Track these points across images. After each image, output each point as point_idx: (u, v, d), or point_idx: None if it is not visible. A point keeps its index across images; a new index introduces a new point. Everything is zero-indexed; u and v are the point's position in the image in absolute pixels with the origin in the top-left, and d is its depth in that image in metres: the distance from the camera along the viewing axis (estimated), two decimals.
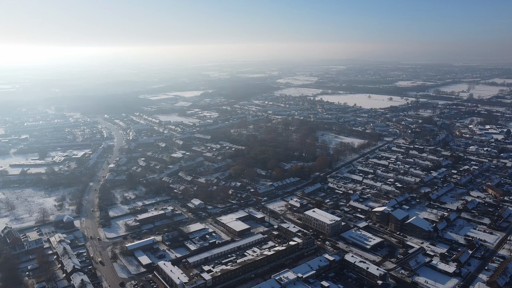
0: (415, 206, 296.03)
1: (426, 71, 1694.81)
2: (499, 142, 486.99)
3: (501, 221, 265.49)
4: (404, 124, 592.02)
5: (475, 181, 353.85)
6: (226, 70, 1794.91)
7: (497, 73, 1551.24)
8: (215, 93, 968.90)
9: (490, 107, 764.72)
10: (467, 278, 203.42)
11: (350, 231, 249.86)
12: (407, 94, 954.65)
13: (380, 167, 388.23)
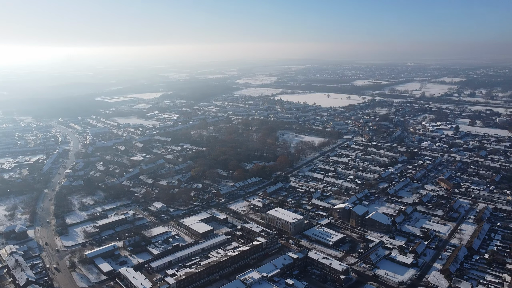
0: (374, 201, 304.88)
1: (381, 71, 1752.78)
2: (449, 138, 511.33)
3: (452, 212, 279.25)
4: (362, 122, 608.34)
5: (429, 175, 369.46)
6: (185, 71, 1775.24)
7: (445, 72, 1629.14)
8: (174, 94, 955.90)
9: (440, 105, 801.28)
10: (423, 267, 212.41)
11: (312, 228, 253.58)
12: (364, 93, 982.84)
13: (341, 164, 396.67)
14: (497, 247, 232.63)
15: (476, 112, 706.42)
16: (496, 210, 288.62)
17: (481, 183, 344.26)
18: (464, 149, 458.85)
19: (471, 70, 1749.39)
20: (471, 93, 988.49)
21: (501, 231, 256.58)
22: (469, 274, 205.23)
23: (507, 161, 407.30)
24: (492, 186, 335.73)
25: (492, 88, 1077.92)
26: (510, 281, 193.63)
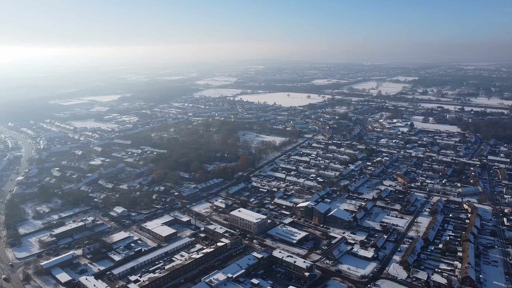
0: (336, 198, 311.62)
1: (339, 70, 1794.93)
2: (404, 134, 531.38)
3: (409, 206, 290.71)
4: (322, 120, 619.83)
5: (387, 171, 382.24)
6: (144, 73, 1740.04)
7: (400, 72, 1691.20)
8: (133, 96, 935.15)
9: (396, 103, 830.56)
10: (384, 260, 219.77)
11: (276, 227, 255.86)
12: (323, 92, 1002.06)
13: (302, 163, 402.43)
14: (449, 237, 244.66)
15: (429, 109, 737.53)
16: (449, 202, 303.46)
17: (434, 177, 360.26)
18: (418, 145, 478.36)
19: (423, 69, 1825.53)
20: (424, 91, 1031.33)
21: (453, 221, 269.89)
22: (425, 264, 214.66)
23: (457, 155, 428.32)
24: (445, 179, 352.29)
25: (442, 86, 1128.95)
26: (460, 268, 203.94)
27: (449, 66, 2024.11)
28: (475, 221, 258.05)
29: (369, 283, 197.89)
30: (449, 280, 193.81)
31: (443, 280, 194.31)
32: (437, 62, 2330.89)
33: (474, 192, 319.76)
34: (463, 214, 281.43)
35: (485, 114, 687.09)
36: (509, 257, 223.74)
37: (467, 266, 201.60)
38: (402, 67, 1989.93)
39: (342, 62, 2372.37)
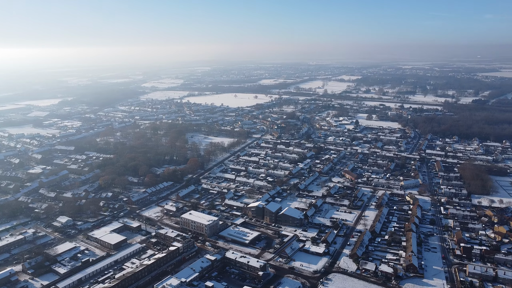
0: (287, 197, 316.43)
1: (286, 70, 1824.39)
2: (351, 132, 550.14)
3: (356, 200, 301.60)
4: (270, 120, 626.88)
5: (335, 168, 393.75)
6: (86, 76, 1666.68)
7: (344, 71, 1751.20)
8: (75, 100, 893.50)
9: (341, 101, 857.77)
10: (335, 255, 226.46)
11: (228, 229, 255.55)
12: (270, 92, 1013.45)
13: (251, 163, 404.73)
14: (394, 228, 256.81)
15: (372, 107, 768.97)
16: (393, 195, 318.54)
17: (379, 172, 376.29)
18: (364, 141, 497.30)
19: (365, 68, 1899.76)
20: (367, 90, 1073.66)
21: (397, 213, 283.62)
22: (373, 255, 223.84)
23: (399, 150, 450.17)
24: (388, 173, 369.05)
25: (383, 85, 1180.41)
26: (404, 256, 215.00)
27: (389, 65, 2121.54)
28: (416, 211, 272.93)
29: (322, 277, 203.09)
30: (395, 268, 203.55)
31: (389, 269, 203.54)
32: (378, 62, 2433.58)
33: (415, 184, 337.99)
34: (406, 206, 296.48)
35: (422, 110, 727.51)
36: (446, 242, 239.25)
37: (410, 254, 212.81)
38: (346, 66, 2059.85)
39: (288, 62, 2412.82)
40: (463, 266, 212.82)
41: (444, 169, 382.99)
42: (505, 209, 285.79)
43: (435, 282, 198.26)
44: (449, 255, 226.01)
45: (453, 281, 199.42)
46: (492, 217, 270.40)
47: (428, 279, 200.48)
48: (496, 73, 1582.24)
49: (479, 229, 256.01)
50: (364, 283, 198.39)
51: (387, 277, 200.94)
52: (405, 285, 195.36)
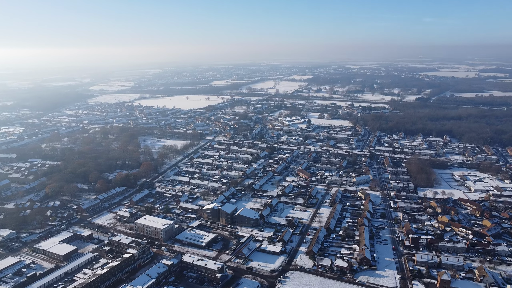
0: (242, 198, 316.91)
1: (237, 71, 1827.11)
2: (303, 131, 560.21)
3: (311, 199, 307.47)
4: (223, 121, 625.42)
5: (289, 167, 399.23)
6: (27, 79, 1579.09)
7: (295, 71, 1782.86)
8: (16, 105, 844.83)
9: (293, 101, 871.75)
10: (291, 253, 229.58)
11: (184, 232, 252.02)
12: (222, 93, 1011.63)
13: (205, 165, 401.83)
14: (348, 224, 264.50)
15: (323, 106, 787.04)
16: (346, 192, 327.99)
17: (332, 170, 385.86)
18: (316, 140, 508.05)
19: (316, 68, 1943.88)
20: (318, 89, 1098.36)
21: (350, 209, 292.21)
22: (329, 251, 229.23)
23: (350, 148, 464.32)
24: (341, 171, 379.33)
25: (333, 84, 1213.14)
26: (358, 250, 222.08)
27: (339, 65, 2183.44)
28: (368, 206, 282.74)
29: (279, 276, 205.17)
30: (350, 263, 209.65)
31: (344, 263, 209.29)
32: (328, 62, 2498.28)
33: (366, 180, 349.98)
34: (358, 201, 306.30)
35: (371, 108, 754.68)
36: (396, 234, 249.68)
37: (364, 248, 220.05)
38: (297, 66, 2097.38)
39: (240, 63, 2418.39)
40: (412, 255, 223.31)
41: (393, 164, 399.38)
42: (447, 200, 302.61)
43: (387, 273, 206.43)
44: (399, 246, 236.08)
45: (403, 271, 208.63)
46: (436, 208, 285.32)
47: (380, 271, 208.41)
48: (435, 72, 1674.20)
49: (425, 220, 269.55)
50: (320, 278, 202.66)
51: (342, 271, 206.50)
52: (360, 278, 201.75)
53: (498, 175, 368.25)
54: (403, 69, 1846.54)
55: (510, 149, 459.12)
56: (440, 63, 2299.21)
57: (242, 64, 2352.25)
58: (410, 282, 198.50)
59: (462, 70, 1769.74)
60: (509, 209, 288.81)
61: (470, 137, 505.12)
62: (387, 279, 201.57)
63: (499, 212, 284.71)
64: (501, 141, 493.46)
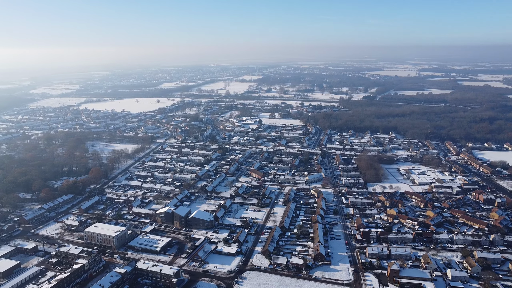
0: (195, 200, 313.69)
1: (187, 72, 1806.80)
2: (255, 131, 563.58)
3: (265, 198, 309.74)
4: (174, 124, 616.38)
5: (241, 168, 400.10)
6: None
7: (245, 71, 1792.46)
8: None
9: (244, 101, 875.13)
10: (247, 253, 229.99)
11: (137, 238, 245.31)
12: (173, 95, 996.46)
13: (157, 169, 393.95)
14: (302, 222, 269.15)
15: (274, 105, 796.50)
16: (299, 190, 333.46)
17: (285, 169, 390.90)
18: (268, 140, 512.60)
19: (265, 68, 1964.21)
20: (268, 89, 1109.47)
21: (304, 207, 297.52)
22: (284, 250, 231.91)
23: (302, 147, 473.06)
24: (294, 170, 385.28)
25: (283, 83, 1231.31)
26: (313, 247, 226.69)
27: (288, 65, 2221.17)
28: (321, 204, 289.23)
29: (236, 277, 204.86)
30: (305, 259, 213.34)
31: (300, 260, 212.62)
32: (278, 62, 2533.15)
33: (318, 178, 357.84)
34: (312, 199, 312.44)
35: (321, 107, 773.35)
36: (348, 229, 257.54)
37: (318, 244, 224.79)
38: (247, 67, 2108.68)
39: (190, 65, 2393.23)
40: (364, 248, 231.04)
41: (343, 161, 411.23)
42: (394, 194, 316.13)
43: (341, 267, 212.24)
44: (351, 241, 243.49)
45: (356, 264, 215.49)
46: (385, 201, 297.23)
47: (334, 265, 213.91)
48: (380, 71, 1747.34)
49: (375, 213, 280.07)
50: (277, 277, 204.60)
51: (298, 269, 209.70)
52: (315, 274, 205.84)
53: (439, 168, 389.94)
54: (350, 69, 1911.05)
55: (449, 143, 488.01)
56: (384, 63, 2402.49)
57: (192, 65, 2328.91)
58: (362, 274, 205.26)
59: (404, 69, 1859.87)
60: (448, 199, 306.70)
61: (413, 133, 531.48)
62: (341, 273, 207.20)
63: (441, 203, 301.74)
64: (440, 136, 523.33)
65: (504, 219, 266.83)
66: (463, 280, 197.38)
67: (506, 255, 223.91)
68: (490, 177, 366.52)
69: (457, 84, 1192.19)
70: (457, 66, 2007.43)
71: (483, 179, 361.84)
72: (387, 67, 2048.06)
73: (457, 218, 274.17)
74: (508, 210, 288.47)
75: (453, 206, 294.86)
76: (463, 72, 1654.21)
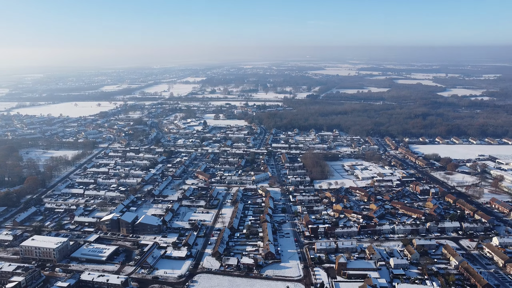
0: (142, 205, 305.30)
1: (129, 75, 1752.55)
2: (200, 133, 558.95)
3: (212, 200, 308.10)
4: (117, 128, 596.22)
5: (188, 170, 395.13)
6: None
7: (189, 73, 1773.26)
8: None
9: (188, 103, 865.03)
10: (197, 256, 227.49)
11: (81, 248, 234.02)
12: (115, 98, 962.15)
13: (101, 174, 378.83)
14: (251, 221, 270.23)
15: (218, 106, 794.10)
16: (246, 190, 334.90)
17: (231, 169, 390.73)
18: (213, 141, 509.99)
19: (209, 69, 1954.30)
20: (212, 90, 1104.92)
21: (252, 207, 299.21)
22: (234, 250, 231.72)
23: (248, 147, 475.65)
24: (240, 170, 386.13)
25: (227, 84, 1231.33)
26: (263, 246, 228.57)
27: (232, 66, 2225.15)
28: (269, 203, 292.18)
29: (187, 281, 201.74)
30: (255, 259, 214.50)
31: (250, 260, 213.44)
32: (221, 63, 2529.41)
33: (265, 177, 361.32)
34: (259, 199, 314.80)
35: (265, 107, 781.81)
36: (296, 227, 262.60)
37: (268, 243, 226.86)
38: (191, 68, 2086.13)
39: (132, 67, 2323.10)
40: (312, 244, 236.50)
41: (289, 160, 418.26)
42: (339, 189, 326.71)
43: (291, 264, 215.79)
44: (300, 237, 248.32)
45: (305, 260, 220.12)
46: (331, 197, 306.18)
47: (285, 263, 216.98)
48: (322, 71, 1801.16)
49: (322, 210, 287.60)
50: (228, 278, 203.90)
51: (249, 268, 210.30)
52: (266, 272, 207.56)
53: (380, 163, 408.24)
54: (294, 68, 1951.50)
55: (388, 139, 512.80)
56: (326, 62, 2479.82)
57: (133, 67, 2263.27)
58: (312, 269, 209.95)
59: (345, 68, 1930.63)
60: (389, 192, 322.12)
61: (356, 130, 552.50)
62: (291, 269, 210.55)
63: (382, 196, 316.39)
64: (380, 132, 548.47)
65: (438, 207, 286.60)
66: (404, 267, 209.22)
67: (439, 241, 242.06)
68: (425, 169, 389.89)
69: (393, 82, 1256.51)
70: (392, 65, 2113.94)
71: (419, 171, 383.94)
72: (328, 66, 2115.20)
73: (397, 209, 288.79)
74: (441, 199, 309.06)
75: (394, 198, 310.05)
76: (398, 71, 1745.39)
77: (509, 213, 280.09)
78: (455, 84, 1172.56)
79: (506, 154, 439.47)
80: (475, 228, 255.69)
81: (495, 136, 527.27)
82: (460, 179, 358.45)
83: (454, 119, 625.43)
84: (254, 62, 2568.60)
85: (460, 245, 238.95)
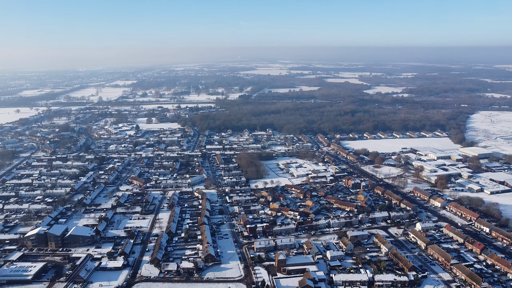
0: (72, 216, 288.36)
1: (52, 78, 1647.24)
2: (132, 137, 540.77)
3: (148, 205, 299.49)
4: (41, 135, 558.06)
5: (121, 176, 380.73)
6: None
7: (118, 76, 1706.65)
8: None
9: (118, 107, 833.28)
10: (135, 264, 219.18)
11: (1, 269, 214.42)
12: (36, 104, 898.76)
13: (23, 186, 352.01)
14: (189, 225, 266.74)
15: (151, 110, 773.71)
16: (182, 194, 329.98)
17: (166, 173, 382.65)
18: (147, 145, 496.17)
19: (139, 72, 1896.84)
20: (144, 94, 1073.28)
21: (189, 210, 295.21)
22: (173, 255, 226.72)
23: (182, 150, 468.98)
24: (175, 173, 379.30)
25: (159, 87, 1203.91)
26: (202, 249, 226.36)
27: (163, 68, 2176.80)
28: (206, 205, 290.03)
29: None
30: (195, 262, 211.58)
31: (190, 264, 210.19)
32: (151, 65, 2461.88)
33: (201, 180, 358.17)
34: (196, 201, 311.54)
35: (198, 109, 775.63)
36: (235, 227, 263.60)
37: (207, 245, 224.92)
38: (120, 71, 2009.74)
39: (54, 70, 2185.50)
40: (251, 244, 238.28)
41: (224, 161, 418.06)
42: (275, 188, 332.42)
43: (232, 265, 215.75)
44: (239, 238, 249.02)
45: (245, 259, 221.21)
46: (267, 196, 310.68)
47: (225, 264, 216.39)
48: (254, 71, 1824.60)
49: (259, 209, 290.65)
50: (169, 284, 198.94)
51: (189, 273, 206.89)
52: (207, 275, 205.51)
53: (314, 160, 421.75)
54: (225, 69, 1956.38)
55: (320, 136, 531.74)
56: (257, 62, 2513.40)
57: (56, 70, 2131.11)
58: (252, 268, 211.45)
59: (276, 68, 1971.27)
60: (324, 188, 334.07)
61: (289, 128, 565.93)
62: (232, 270, 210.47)
63: (317, 192, 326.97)
64: (313, 130, 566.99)
65: (368, 199, 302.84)
66: (340, 258, 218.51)
67: (371, 230, 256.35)
68: (356, 164, 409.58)
69: (323, 81, 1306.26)
70: (321, 64, 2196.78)
71: (350, 166, 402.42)
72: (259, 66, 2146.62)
73: (332, 204, 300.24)
74: (371, 191, 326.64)
75: (328, 193, 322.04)
76: (327, 70, 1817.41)
77: (429, 199, 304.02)
78: (378, 82, 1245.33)
79: (424, 146, 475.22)
80: (401, 216, 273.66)
81: (415, 130, 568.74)
82: (387, 171, 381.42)
83: (379, 115, 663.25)
84: (186, 64, 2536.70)
85: (389, 233, 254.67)
